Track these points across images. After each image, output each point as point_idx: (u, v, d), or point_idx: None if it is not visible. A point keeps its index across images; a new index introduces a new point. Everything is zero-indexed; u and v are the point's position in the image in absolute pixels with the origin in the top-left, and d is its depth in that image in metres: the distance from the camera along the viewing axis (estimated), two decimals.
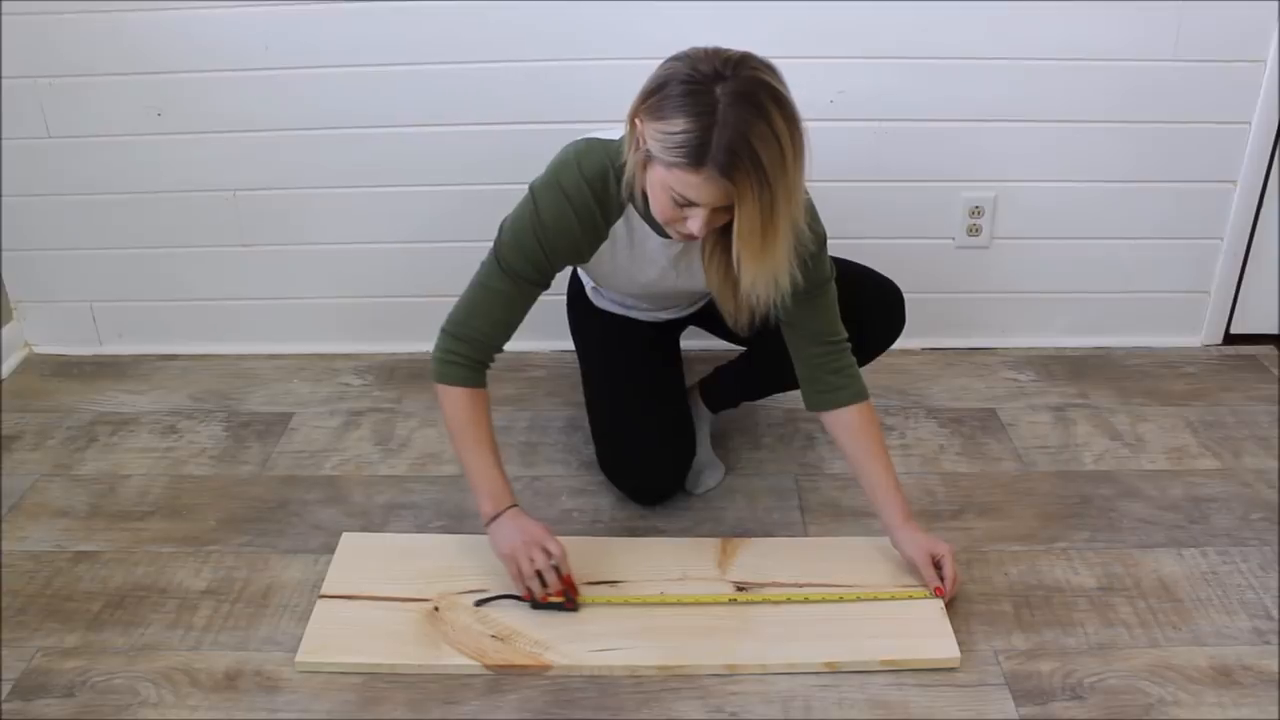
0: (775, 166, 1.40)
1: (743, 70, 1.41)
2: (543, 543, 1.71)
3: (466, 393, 1.74)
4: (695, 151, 1.40)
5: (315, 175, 2.42)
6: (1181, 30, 2.24)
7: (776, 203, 1.42)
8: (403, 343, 2.62)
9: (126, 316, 2.61)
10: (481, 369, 1.76)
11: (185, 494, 2.10)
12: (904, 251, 2.45)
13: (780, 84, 1.43)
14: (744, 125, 1.38)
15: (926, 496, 2.06)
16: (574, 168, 1.63)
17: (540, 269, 1.70)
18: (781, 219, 1.44)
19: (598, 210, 1.65)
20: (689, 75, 1.41)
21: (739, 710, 1.58)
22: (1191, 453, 2.19)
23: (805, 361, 1.79)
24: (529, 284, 1.71)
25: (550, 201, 1.65)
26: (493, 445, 1.76)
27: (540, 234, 1.66)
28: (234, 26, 2.25)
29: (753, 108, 1.39)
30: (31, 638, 1.73)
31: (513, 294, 1.71)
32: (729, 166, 1.39)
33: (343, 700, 1.61)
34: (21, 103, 2.34)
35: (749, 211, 1.43)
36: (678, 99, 1.41)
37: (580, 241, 1.69)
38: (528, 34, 2.25)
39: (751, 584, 1.80)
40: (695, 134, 1.39)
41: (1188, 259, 2.52)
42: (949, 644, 1.67)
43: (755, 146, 1.38)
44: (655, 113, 1.44)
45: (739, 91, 1.39)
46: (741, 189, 1.41)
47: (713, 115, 1.39)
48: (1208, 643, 1.70)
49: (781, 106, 1.41)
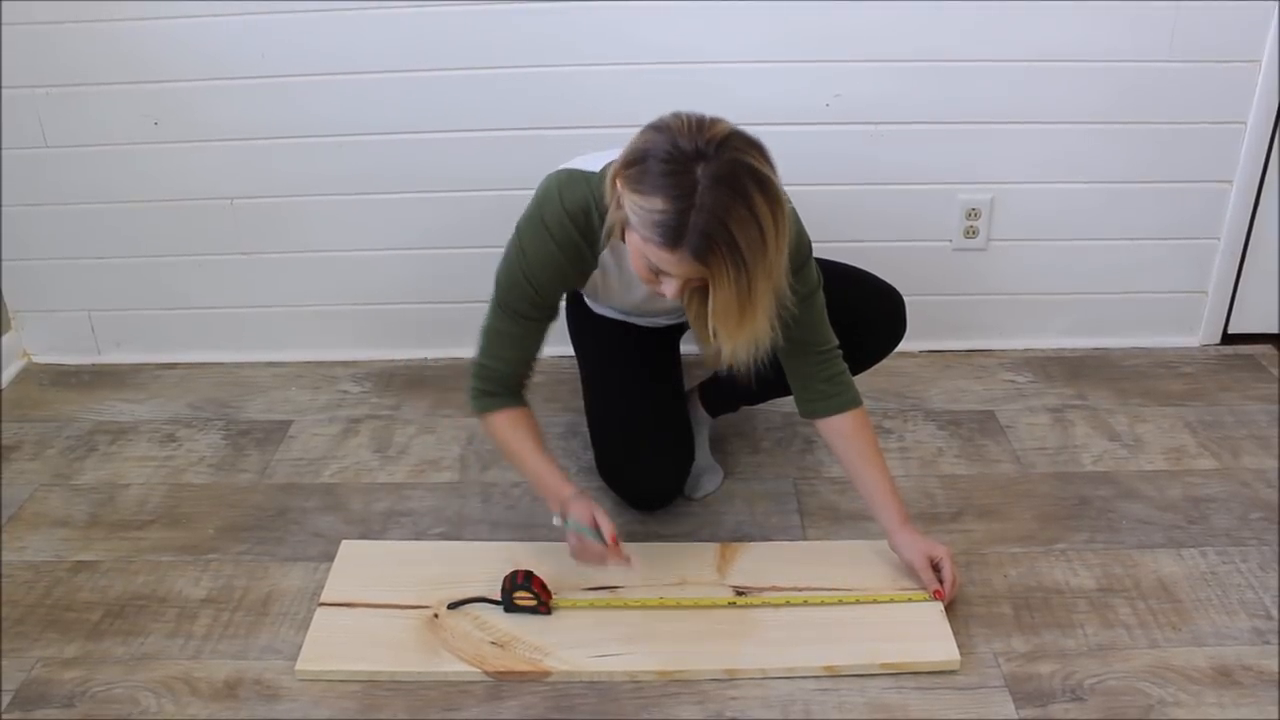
0: (754, 249, 1.39)
1: (725, 151, 1.38)
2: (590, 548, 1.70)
3: (503, 414, 1.77)
4: (671, 233, 1.38)
5: (313, 183, 2.42)
6: (1177, 31, 2.24)
7: (755, 282, 1.41)
8: (401, 349, 2.62)
9: (125, 325, 2.61)
10: (512, 393, 1.78)
11: (184, 503, 2.10)
12: (901, 254, 2.45)
13: (763, 164, 1.40)
14: (722, 210, 1.36)
15: (925, 499, 2.06)
16: (556, 203, 1.63)
17: (536, 304, 1.71)
18: (759, 296, 1.43)
19: (583, 243, 1.64)
20: (669, 153, 1.38)
21: (738, 715, 1.58)
22: (1190, 453, 2.19)
23: (796, 371, 1.79)
24: (531, 320, 1.72)
25: (534, 239, 1.65)
26: (537, 449, 1.77)
27: (528, 272, 1.67)
28: (231, 35, 2.26)
29: (732, 191, 1.36)
30: (31, 648, 1.73)
31: (518, 331, 1.73)
32: (704, 250, 1.38)
33: (343, 708, 1.61)
34: (19, 112, 2.34)
35: (725, 293, 1.41)
36: (657, 177, 1.38)
37: (569, 274, 1.69)
38: (527, 40, 2.25)
39: (751, 588, 1.80)
40: (672, 215, 1.37)
41: (1185, 259, 2.52)
42: (949, 646, 1.67)
43: (733, 231, 1.37)
44: (635, 185, 1.41)
45: (719, 174, 1.36)
46: (716, 272, 1.40)
47: (691, 198, 1.36)
48: (1207, 643, 1.70)
49: (763, 189, 1.38)
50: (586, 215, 1.62)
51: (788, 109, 2.31)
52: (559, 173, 1.67)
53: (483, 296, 1.74)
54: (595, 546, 1.68)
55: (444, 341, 2.60)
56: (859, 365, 1.96)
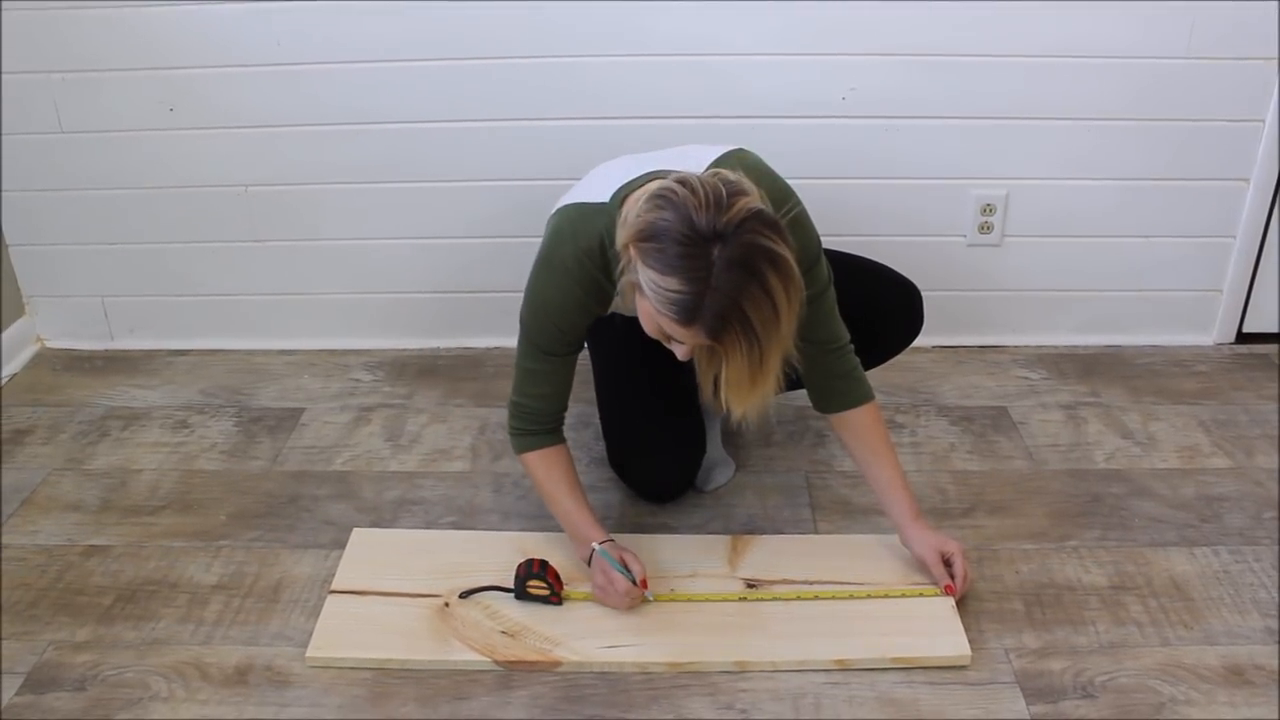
0: (767, 325, 1.40)
1: (742, 234, 1.38)
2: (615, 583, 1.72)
3: (538, 455, 1.80)
4: (686, 312, 1.40)
5: (327, 171, 2.42)
6: (1195, 28, 2.23)
7: (767, 356, 1.43)
8: (413, 339, 2.62)
9: (138, 311, 2.62)
10: (551, 433, 1.80)
11: (196, 489, 2.11)
12: (915, 249, 2.44)
13: (778, 243, 1.40)
14: (737, 293, 1.37)
15: (937, 495, 2.06)
16: (570, 243, 1.63)
17: (564, 342, 1.72)
18: (771, 366, 1.45)
19: (601, 276, 1.63)
20: (686, 234, 1.38)
21: (749, 708, 1.58)
22: (1203, 451, 2.18)
23: (809, 367, 1.76)
24: (559, 356, 1.73)
25: (553, 282, 1.66)
26: (571, 490, 1.79)
27: (551, 314, 1.68)
28: (246, 21, 2.26)
29: (748, 274, 1.38)
30: (43, 631, 1.74)
31: (549, 369, 1.74)
32: (718, 330, 1.40)
33: (353, 695, 1.61)
34: (34, 97, 2.34)
35: (737, 365, 1.44)
36: (674, 259, 1.38)
37: (591, 309, 1.69)
38: (542, 32, 2.25)
39: (762, 581, 1.79)
40: (688, 296, 1.38)
41: (1200, 257, 2.51)
42: (960, 641, 1.67)
43: (747, 311, 1.38)
44: (650, 261, 1.41)
45: (735, 258, 1.37)
46: (730, 348, 1.42)
47: (706, 281, 1.37)
48: (1219, 642, 1.69)
49: (778, 269, 1.39)
50: (602, 250, 1.61)
51: (803, 102, 2.30)
52: (566, 209, 1.67)
53: (496, 287, 1.74)
54: (621, 583, 1.70)
55: (456, 331, 2.60)
56: (874, 360, 1.96)
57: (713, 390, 1.51)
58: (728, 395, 1.48)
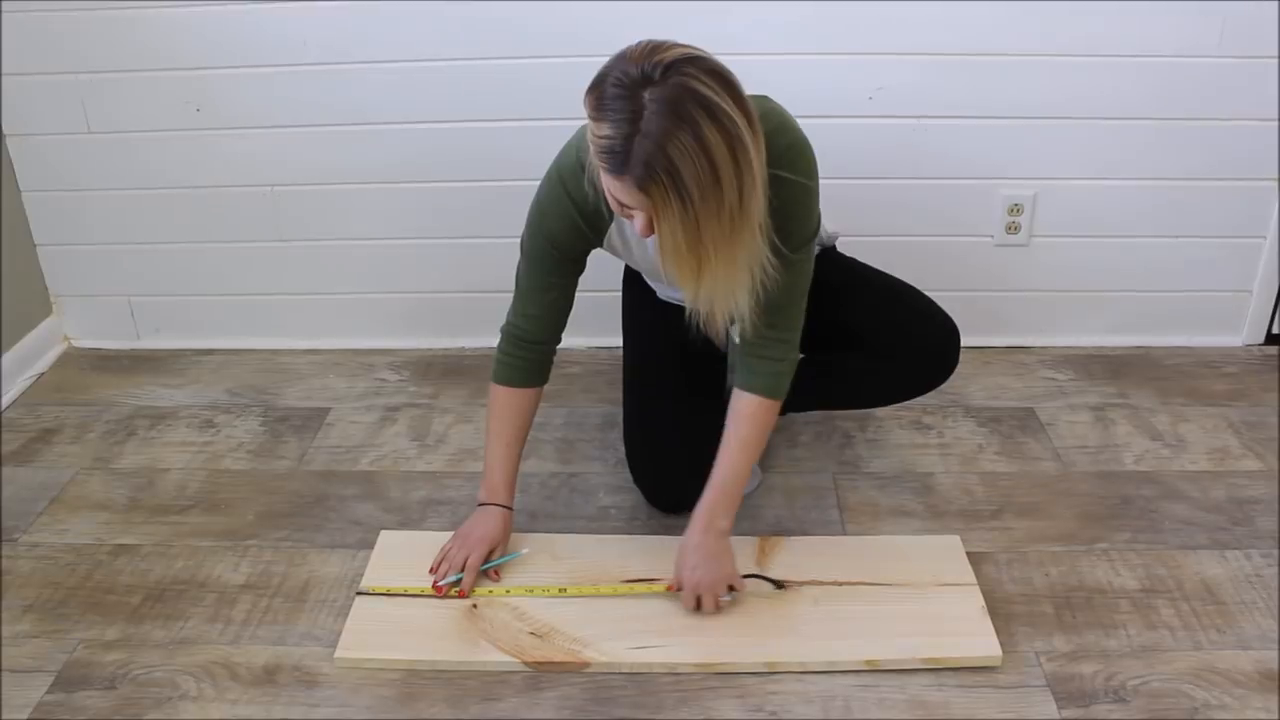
0: (703, 186, 1.31)
1: (672, 75, 1.30)
2: (472, 549, 1.78)
3: (506, 391, 1.80)
4: (617, 159, 1.33)
5: (352, 171, 2.42)
6: (1226, 26, 2.21)
7: (704, 224, 1.34)
8: (439, 338, 2.62)
9: (164, 311, 2.63)
10: (532, 366, 1.79)
11: (223, 488, 2.11)
12: (942, 249, 2.44)
13: (718, 92, 1.31)
14: (664, 138, 1.29)
15: (965, 496, 2.05)
16: (573, 157, 1.61)
17: (554, 256, 1.70)
18: (714, 242, 1.36)
19: (597, 197, 1.56)
20: (619, 78, 1.32)
21: (778, 709, 1.58)
22: (1234, 454, 2.17)
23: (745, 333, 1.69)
24: (553, 276, 1.72)
25: (550, 193, 1.66)
26: (507, 439, 1.81)
27: (545, 225, 1.68)
28: (273, 22, 2.26)
29: (676, 119, 1.29)
30: (73, 629, 1.75)
31: (538, 285, 1.74)
32: (645, 180, 1.32)
33: (381, 696, 1.61)
34: (62, 98, 2.35)
35: (670, 228, 1.35)
36: (607, 101, 1.33)
37: (583, 229, 1.66)
38: (566, 30, 2.25)
39: (790, 582, 1.79)
40: (618, 141, 1.32)
41: (1230, 258, 2.49)
42: (990, 642, 1.66)
43: (675, 161, 1.29)
44: (591, 111, 1.37)
45: (666, 98, 1.29)
46: (659, 204, 1.34)
47: (636, 124, 1.30)
48: (1252, 646, 1.68)
49: (714, 117, 1.30)
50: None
51: (830, 101, 2.29)
52: (582, 128, 1.63)
53: None
54: (453, 563, 1.77)
55: (482, 331, 2.59)
56: (896, 397, 1.95)
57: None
58: (667, 269, 1.39)
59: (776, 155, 1.49)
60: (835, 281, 1.79)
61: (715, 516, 1.74)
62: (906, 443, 2.21)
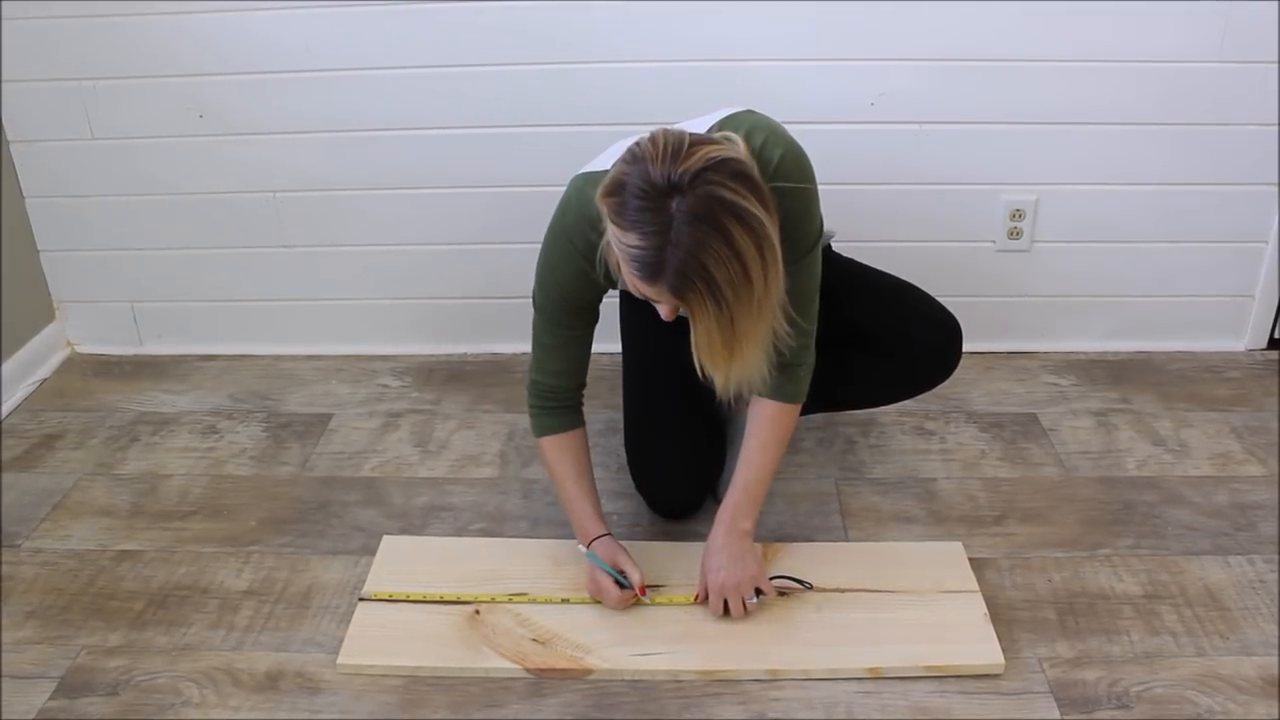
0: (737, 286, 1.33)
1: (699, 186, 1.31)
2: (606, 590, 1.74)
3: (553, 440, 1.79)
4: (649, 268, 1.35)
5: (355, 177, 2.43)
6: (1228, 31, 2.21)
7: (737, 319, 1.36)
8: (441, 344, 2.62)
9: (167, 317, 2.63)
10: (569, 410, 1.79)
11: (226, 494, 2.11)
12: (944, 254, 2.44)
13: (744, 196, 1.32)
14: (698, 248, 1.31)
15: (967, 501, 2.04)
16: (575, 210, 1.61)
17: (572, 313, 1.70)
18: (745, 333, 1.38)
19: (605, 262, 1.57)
20: (642, 187, 1.33)
21: (780, 716, 1.58)
22: (1236, 459, 2.16)
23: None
24: (572, 329, 1.72)
25: (557, 248, 1.65)
26: (579, 479, 1.79)
27: (557, 282, 1.67)
28: (275, 29, 2.27)
29: (709, 228, 1.31)
30: (76, 636, 1.75)
31: (560, 343, 1.73)
32: (680, 288, 1.34)
33: (384, 702, 1.61)
34: (66, 104, 2.36)
35: (705, 328, 1.37)
36: (633, 213, 1.34)
37: (595, 279, 1.65)
38: (567, 37, 2.25)
39: (793, 589, 1.78)
40: (648, 252, 1.33)
41: (1232, 262, 2.48)
42: (993, 649, 1.66)
43: (710, 269, 1.31)
44: (614, 217, 1.37)
45: (694, 211, 1.31)
46: (696, 309, 1.36)
47: (666, 234, 1.31)
48: (1256, 652, 1.68)
49: (743, 221, 1.32)
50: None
51: (832, 108, 2.29)
52: (576, 178, 1.65)
53: (524, 293, 1.74)
54: (611, 591, 1.72)
55: (484, 337, 2.60)
56: (899, 395, 1.95)
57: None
58: (699, 359, 1.42)
59: (774, 167, 1.51)
60: (834, 281, 1.80)
61: (738, 518, 1.74)
62: (909, 448, 2.21)
